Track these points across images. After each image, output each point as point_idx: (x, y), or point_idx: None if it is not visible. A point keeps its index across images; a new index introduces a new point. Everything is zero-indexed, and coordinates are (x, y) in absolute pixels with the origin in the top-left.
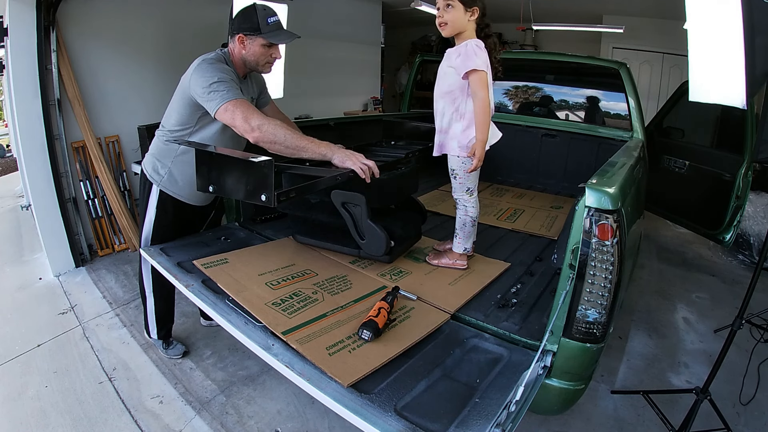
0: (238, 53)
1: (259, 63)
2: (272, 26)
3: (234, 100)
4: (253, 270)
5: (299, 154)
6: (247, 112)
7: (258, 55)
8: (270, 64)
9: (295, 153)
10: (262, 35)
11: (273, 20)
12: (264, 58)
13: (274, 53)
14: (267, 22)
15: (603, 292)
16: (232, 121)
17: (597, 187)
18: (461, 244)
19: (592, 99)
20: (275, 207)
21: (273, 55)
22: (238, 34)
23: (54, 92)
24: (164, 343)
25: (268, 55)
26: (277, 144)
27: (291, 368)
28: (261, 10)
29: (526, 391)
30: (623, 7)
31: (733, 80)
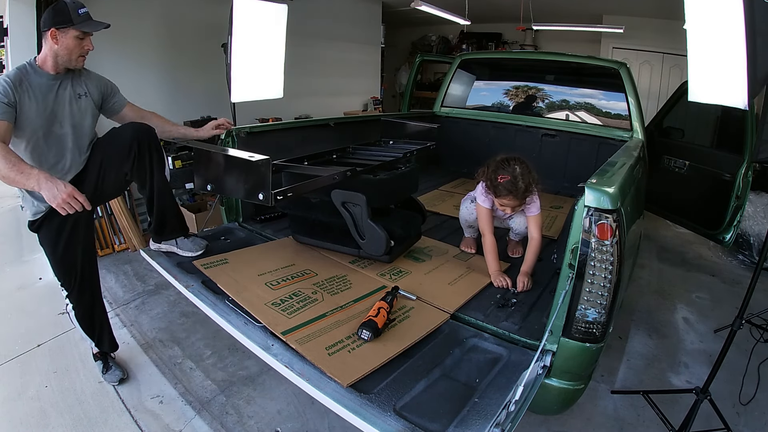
0: (50, 50)
1: (72, 57)
2: (83, 17)
3: None
4: (253, 270)
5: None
6: None
7: (71, 48)
8: (83, 57)
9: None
10: (75, 26)
11: (83, 11)
12: (77, 50)
13: (86, 45)
14: (78, 14)
15: (602, 291)
16: None
17: (596, 187)
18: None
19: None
20: (273, 206)
21: (86, 47)
22: (50, 29)
23: None
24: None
25: (81, 47)
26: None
27: (290, 368)
28: (71, 3)
29: (525, 390)
30: (623, 7)
31: (733, 80)
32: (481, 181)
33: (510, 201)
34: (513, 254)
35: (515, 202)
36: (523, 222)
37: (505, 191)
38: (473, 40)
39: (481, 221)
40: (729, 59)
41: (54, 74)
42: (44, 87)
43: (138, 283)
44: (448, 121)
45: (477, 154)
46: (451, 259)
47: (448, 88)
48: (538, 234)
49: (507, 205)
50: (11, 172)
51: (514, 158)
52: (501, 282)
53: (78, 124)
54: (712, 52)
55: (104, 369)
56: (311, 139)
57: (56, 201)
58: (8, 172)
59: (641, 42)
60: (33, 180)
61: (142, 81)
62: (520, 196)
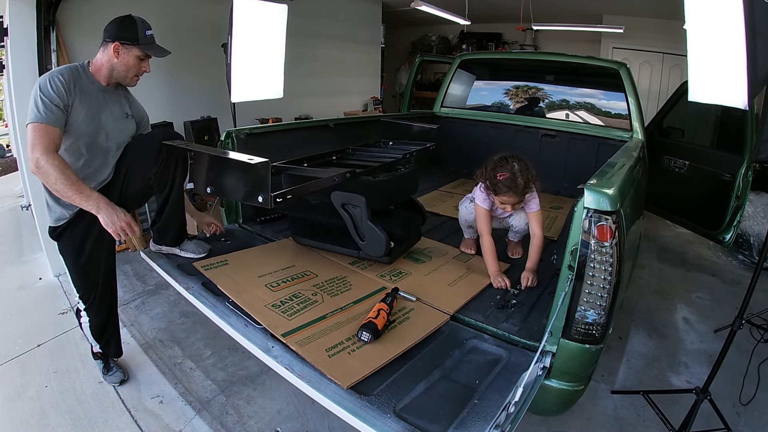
0: (108, 62)
1: (128, 75)
2: (149, 39)
3: (38, 123)
4: (253, 272)
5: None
6: (38, 140)
7: (130, 66)
8: (138, 77)
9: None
10: (139, 46)
11: (150, 33)
12: (134, 69)
13: (144, 67)
14: (145, 35)
15: (602, 293)
16: (28, 142)
17: (596, 188)
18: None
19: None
20: (272, 208)
21: (143, 68)
22: (114, 42)
23: None
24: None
25: (139, 67)
26: (48, 184)
27: (291, 370)
28: (140, 22)
29: (525, 392)
30: (623, 7)
31: (733, 80)
32: (480, 182)
33: (510, 198)
34: (513, 255)
35: (515, 199)
36: (523, 219)
37: (504, 188)
38: (473, 40)
39: (480, 222)
40: (729, 59)
41: (105, 86)
42: (95, 95)
43: (138, 283)
44: (448, 121)
45: (477, 155)
46: (451, 260)
47: (447, 88)
48: (539, 230)
49: (507, 203)
50: (69, 191)
51: (512, 156)
52: (500, 283)
53: (122, 143)
54: (712, 52)
55: (105, 369)
56: (311, 140)
57: (113, 227)
58: (66, 190)
59: (641, 42)
60: (92, 202)
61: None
62: (520, 192)
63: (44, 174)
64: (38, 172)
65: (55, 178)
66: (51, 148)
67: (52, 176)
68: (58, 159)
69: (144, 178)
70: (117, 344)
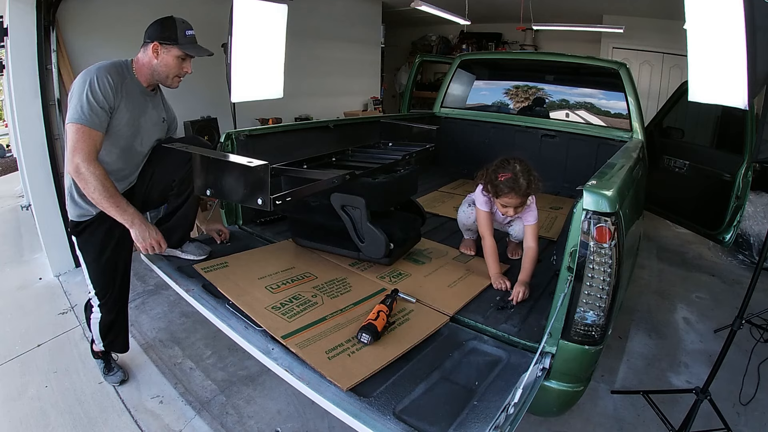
0: (148, 62)
1: (169, 75)
2: (189, 39)
3: (82, 125)
4: (253, 274)
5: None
6: (80, 144)
7: (171, 66)
8: (179, 77)
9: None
10: (179, 46)
11: (190, 33)
12: (175, 70)
13: (185, 67)
14: (185, 34)
15: (601, 294)
16: (69, 142)
17: (595, 190)
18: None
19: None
20: (272, 210)
21: (184, 69)
22: (153, 43)
23: (54, 92)
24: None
25: (180, 68)
26: (86, 192)
27: (290, 372)
28: (180, 22)
29: (524, 393)
30: (623, 7)
31: (733, 80)
32: (480, 184)
33: (512, 199)
34: (513, 256)
35: (517, 200)
36: (522, 229)
37: (506, 189)
38: (473, 40)
39: (481, 225)
40: (729, 59)
41: (145, 87)
42: (137, 98)
43: (138, 283)
44: (448, 121)
45: (477, 155)
46: (451, 261)
47: (447, 88)
48: (534, 244)
49: (509, 205)
50: (106, 203)
51: (514, 158)
52: (501, 285)
53: (152, 148)
54: (712, 52)
55: (105, 369)
56: (310, 141)
57: (143, 244)
58: (103, 201)
59: (641, 42)
60: (127, 217)
61: None
62: (522, 193)
63: (83, 181)
64: (77, 178)
65: (93, 187)
66: (92, 155)
67: (91, 185)
68: (99, 168)
69: (168, 183)
70: (124, 340)
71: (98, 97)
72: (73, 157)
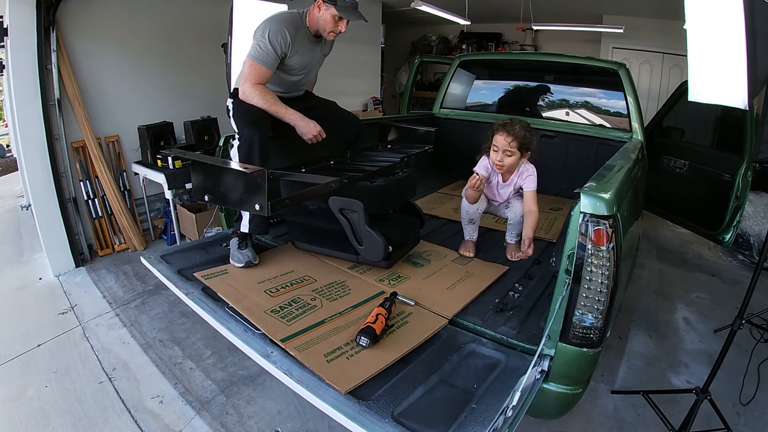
0: (314, 16)
1: (325, 29)
2: (348, 4)
3: (254, 60)
4: (253, 278)
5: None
6: (250, 74)
7: (327, 22)
8: (334, 33)
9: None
10: (336, 7)
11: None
12: (330, 26)
13: (340, 26)
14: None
15: (599, 296)
16: (243, 72)
17: (592, 193)
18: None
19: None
20: (269, 215)
21: (339, 27)
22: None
23: (54, 92)
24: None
25: (335, 25)
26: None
27: (290, 375)
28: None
29: (523, 396)
30: (623, 7)
31: (733, 80)
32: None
33: (503, 138)
34: (512, 258)
35: (507, 141)
36: (519, 209)
37: (500, 128)
38: (473, 40)
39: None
40: (729, 59)
41: (313, 35)
42: (307, 47)
43: (138, 283)
44: (448, 122)
45: (476, 156)
46: (450, 263)
47: (447, 89)
48: (535, 208)
49: (499, 147)
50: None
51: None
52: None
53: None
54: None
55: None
56: None
57: (308, 136)
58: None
59: (641, 42)
60: (291, 115)
61: (143, 80)
62: (514, 134)
63: (249, 99)
64: (245, 98)
65: (257, 100)
66: (259, 84)
67: (255, 100)
68: (261, 87)
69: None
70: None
71: (275, 44)
72: (243, 84)
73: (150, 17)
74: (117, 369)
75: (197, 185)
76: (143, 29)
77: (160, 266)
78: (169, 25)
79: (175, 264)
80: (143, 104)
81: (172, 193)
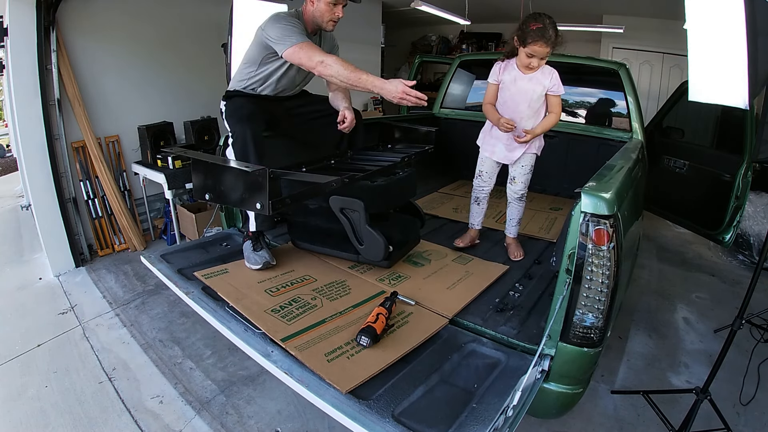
0: (309, 11)
1: (324, 20)
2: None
3: (300, 42)
4: (253, 277)
5: (356, 84)
6: (310, 51)
7: (323, 12)
8: (333, 21)
9: (353, 84)
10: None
11: None
12: (328, 15)
13: (337, 12)
14: None
15: (600, 296)
16: (299, 60)
17: (593, 193)
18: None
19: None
20: (270, 214)
21: (336, 13)
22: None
23: (54, 92)
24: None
25: (332, 13)
26: (335, 77)
27: (290, 375)
28: None
29: (523, 395)
30: (623, 7)
31: (734, 80)
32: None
33: (540, 47)
34: (514, 258)
35: (544, 50)
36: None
37: (536, 36)
38: (473, 40)
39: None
40: (730, 59)
41: (311, 32)
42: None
43: (138, 283)
44: (448, 122)
45: (476, 156)
46: (450, 263)
47: (447, 89)
48: (558, 110)
49: (536, 54)
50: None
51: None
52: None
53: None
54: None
55: (254, 247)
56: None
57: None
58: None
59: (641, 42)
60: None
61: (143, 80)
62: (550, 42)
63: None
64: (324, 72)
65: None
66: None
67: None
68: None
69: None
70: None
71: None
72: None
73: (150, 17)
74: (117, 369)
75: (198, 184)
76: (143, 29)
77: (160, 265)
78: (169, 25)
79: (175, 263)
80: (143, 104)
81: (172, 193)
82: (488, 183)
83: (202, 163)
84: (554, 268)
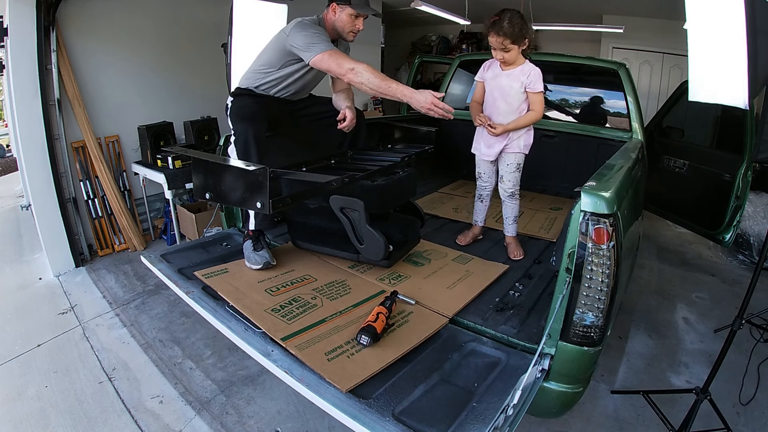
0: (330, 20)
1: (344, 30)
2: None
3: (329, 50)
4: (253, 277)
5: (386, 93)
6: (339, 59)
7: (345, 23)
8: (353, 33)
9: (383, 92)
10: (351, 6)
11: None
12: (349, 26)
13: (358, 24)
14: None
15: (600, 295)
16: (328, 67)
17: (593, 192)
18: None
19: (591, 100)
20: (271, 213)
21: (357, 25)
22: (332, 3)
23: (54, 92)
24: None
25: (353, 24)
26: (364, 85)
27: (290, 374)
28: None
29: (523, 394)
30: (623, 7)
31: (734, 80)
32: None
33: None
34: (514, 257)
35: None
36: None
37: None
38: (473, 40)
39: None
40: (730, 59)
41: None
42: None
43: (138, 283)
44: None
45: None
46: (450, 262)
47: (447, 89)
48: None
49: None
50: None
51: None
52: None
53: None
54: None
55: (254, 247)
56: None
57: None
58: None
59: (641, 42)
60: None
61: (143, 80)
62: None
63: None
64: (353, 79)
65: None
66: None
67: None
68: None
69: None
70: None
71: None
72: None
73: (150, 17)
74: (117, 369)
75: (198, 183)
76: (143, 29)
77: (160, 265)
78: (169, 25)
79: (176, 263)
80: (143, 104)
81: (172, 193)
82: (489, 183)
83: (202, 162)
84: (554, 268)
